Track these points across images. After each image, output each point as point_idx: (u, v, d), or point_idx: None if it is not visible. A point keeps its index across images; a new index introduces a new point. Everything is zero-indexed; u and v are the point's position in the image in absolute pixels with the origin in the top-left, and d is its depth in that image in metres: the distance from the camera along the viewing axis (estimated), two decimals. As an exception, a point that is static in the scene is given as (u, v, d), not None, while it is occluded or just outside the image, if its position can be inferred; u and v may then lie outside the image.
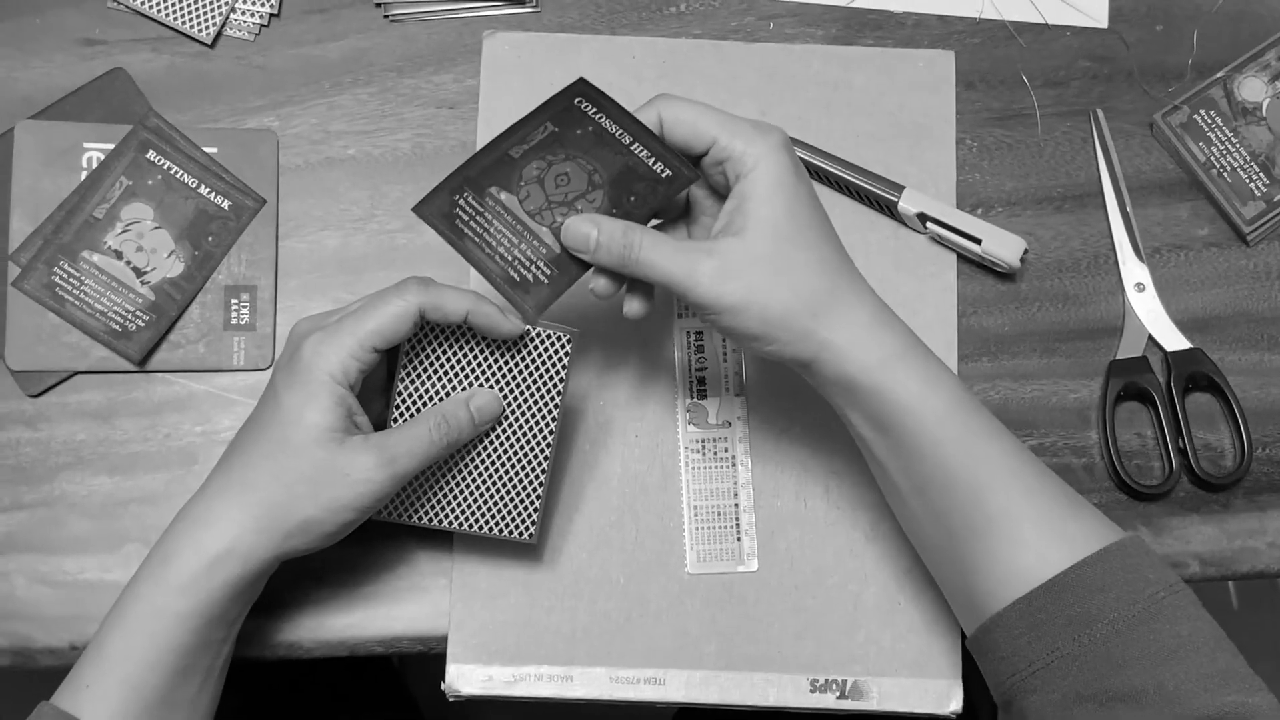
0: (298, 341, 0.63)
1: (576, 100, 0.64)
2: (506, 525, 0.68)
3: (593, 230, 0.62)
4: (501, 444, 0.67)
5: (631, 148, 0.63)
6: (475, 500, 0.68)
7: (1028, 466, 0.62)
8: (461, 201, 0.64)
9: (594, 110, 0.64)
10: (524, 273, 0.63)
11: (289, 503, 0.62)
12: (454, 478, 0.67)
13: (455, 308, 0.63)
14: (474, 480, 0.67)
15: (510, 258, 0.63)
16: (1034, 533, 0.60)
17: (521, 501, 0.68)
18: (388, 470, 0.62)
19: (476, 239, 0.63)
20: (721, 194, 0.64)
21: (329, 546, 0.65)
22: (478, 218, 0.63)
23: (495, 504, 0.68)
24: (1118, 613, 0.57)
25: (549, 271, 0.63)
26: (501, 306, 0.64)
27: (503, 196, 0.64)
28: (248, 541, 0.62)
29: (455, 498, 0.68)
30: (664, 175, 0.63)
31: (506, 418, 0.67)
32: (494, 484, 0.67)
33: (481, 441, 0.67)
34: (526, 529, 0.68)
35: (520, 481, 0.68)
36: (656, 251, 0.61)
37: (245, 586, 0.63)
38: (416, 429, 0.64)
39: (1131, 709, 0.56)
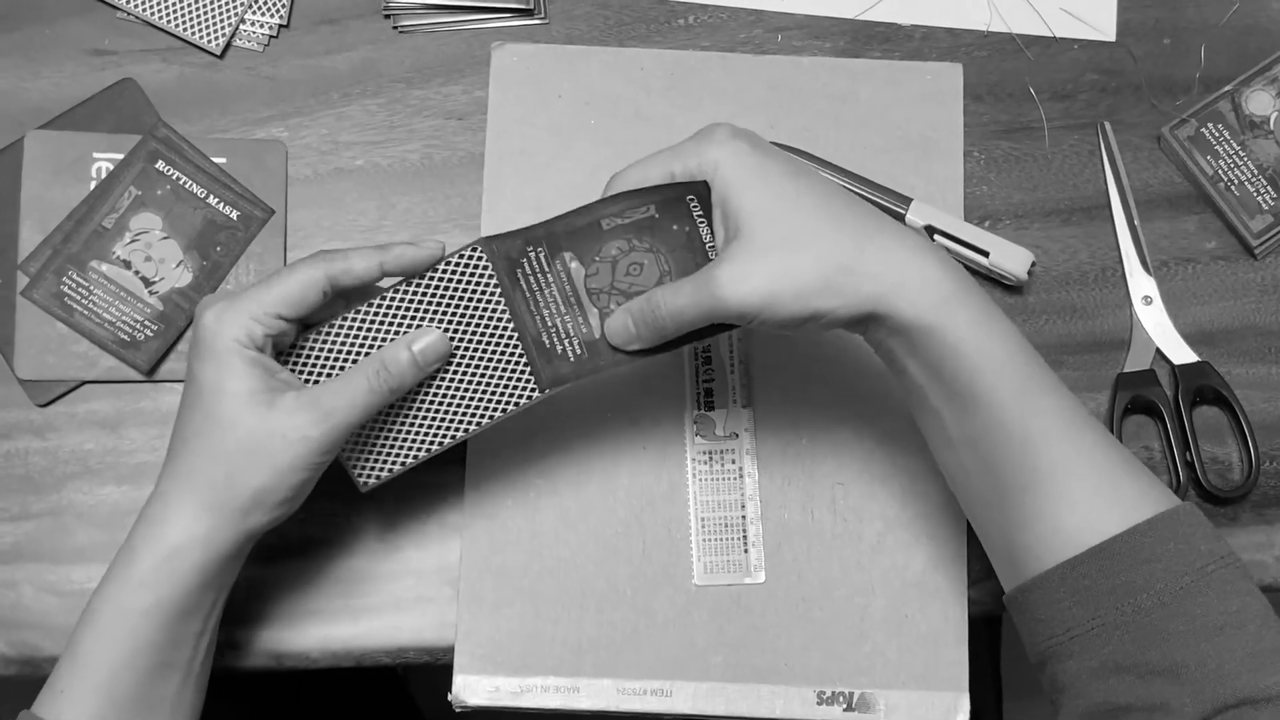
0: (199, 316, 0.62)
1: (689, 197, 0.63)
2: (506, 401, 0.65)
3: (626, 318, 0.62)
4: (468, 374, 0.65)
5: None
6: (459, 413, 0.65)
7: (1084, 422, 0.60)
8: (532, 255, 0.63)
9: (699, 214, 0.63)
10: (556, 342, 0.63)
11: (232, 477, 0.61)
12: (425, 411, 0.65)
13: (366, 265, 0.62)
14: (447, 407, 0.65)
15: (550, 324, 0.63)
16: (1085, 492, 0.58)
17: (515, 378, 0.65)
18: (324, 426, 0.61)
19: (528, 294, 0.63)
20: None
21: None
22: (539, 276, 0.63)
23: (483, 402, 0.65)
24: (1165, 584, 0.56)
25: (579, 352, 0.63)
26: (414, 239, 0.63)
27: (573, 265, 0.63)
28: (204, 525, 0.61)
29: (436, 423, 0.65)
30: None
31: (464, 351, 0.64)
32: (473, 398, 0.65)
33: (445, 378, 0.65)
34: (528, 393, 0.65)
35: (504, 385, 0.65)
36: (676, 297, 0.60)
37: (213, 574, 0.62)
38: (354, 379, 0.62)
39: (1170, 683, 0.54)
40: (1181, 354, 0.76)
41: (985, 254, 0.75)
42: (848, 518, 0.74)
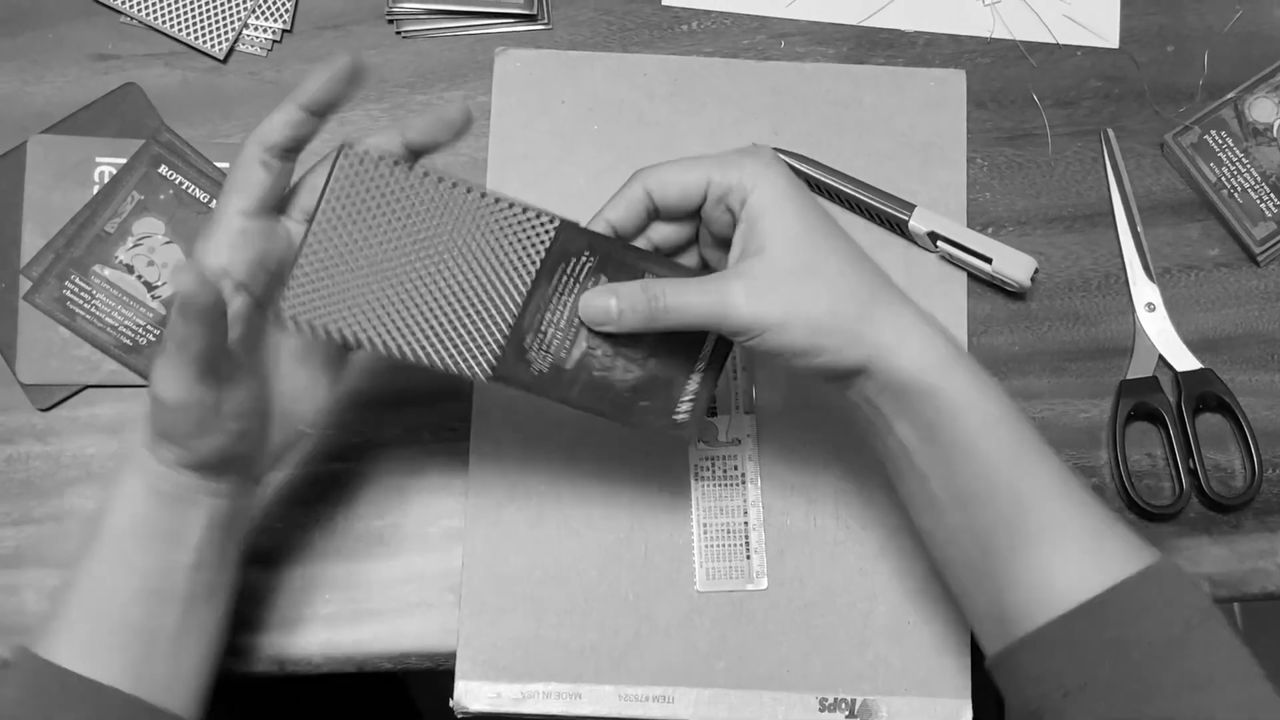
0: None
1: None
2: (451, 353, 0.61)
3: (610, 299, 0.61)
4: (449, 302, 0.61)
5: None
6: (412, 323, 0.60)
7: (1071, 482, 0.61)
8: (583, 259, 0.62)
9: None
10: (534, 348, 0.61)
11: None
12: (389, 293, 0.60)
13: (389, 141, 0.61)
14: (409, 311, 0.61)
15: (542, 331, 0.62)
16: (1075, 550, 0.59)
17: (479, 346, 0.61)
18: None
19: (551, 291, 0.62)
20: (725, 240, 0.63)
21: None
22: (572, 281, 0.62)
23: (435, 335, 0.61)
24: (1155, 637, 0.56)
25: (543, 370, 0.62)
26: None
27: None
28: (151, 445, 0.60)
29: (389, 312, 0.60)
30: None
31: (463, 282, 0.61)
32: (433, 322, 0.61)
33: (432, 287, 0.60)
34: (474, 366, 0.61)
35: (465, 342, 0.61)
36: (684, 293, 0.59)
37: (175, 496, 0.60)
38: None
39: None
40: (1184, 361, 0.76)
41: (988, 260, 0.75)
42: (850, 524, 0.74)
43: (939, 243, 0.75)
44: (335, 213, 0.59)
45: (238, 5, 0.79)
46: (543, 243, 0.61)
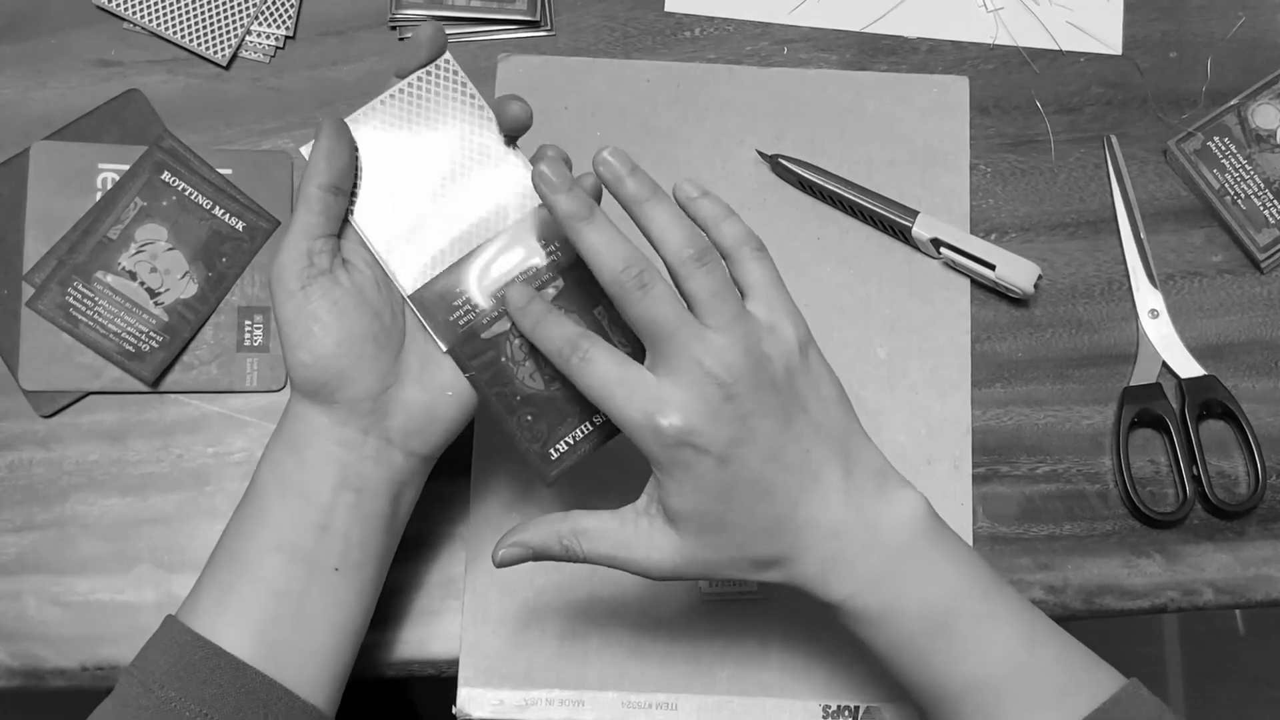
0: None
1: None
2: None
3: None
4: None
5: None
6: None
7: (1028, 645, 0.60)
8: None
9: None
10: (462, 307, 0.63)
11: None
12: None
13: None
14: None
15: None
16: (1050, 692, 0.59)
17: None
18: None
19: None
20: None
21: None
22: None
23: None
24: None
25: (461, 328, 0.63)
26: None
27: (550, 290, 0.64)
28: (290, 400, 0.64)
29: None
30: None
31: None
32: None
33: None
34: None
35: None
36: (592, 525, 0.61)
37: (306, 442, 0.62)
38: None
39: None
40: (1188, 368, 0.76)
41: (991, 267, 0.75)
42: (854, 531, 0.74)
43: (942, 249, 0.75)
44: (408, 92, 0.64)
45: (241, 12, 0.79)
46: (482, 152, 0.64)
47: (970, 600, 0.59)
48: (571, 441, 0.63)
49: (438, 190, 0.64)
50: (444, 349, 0.63)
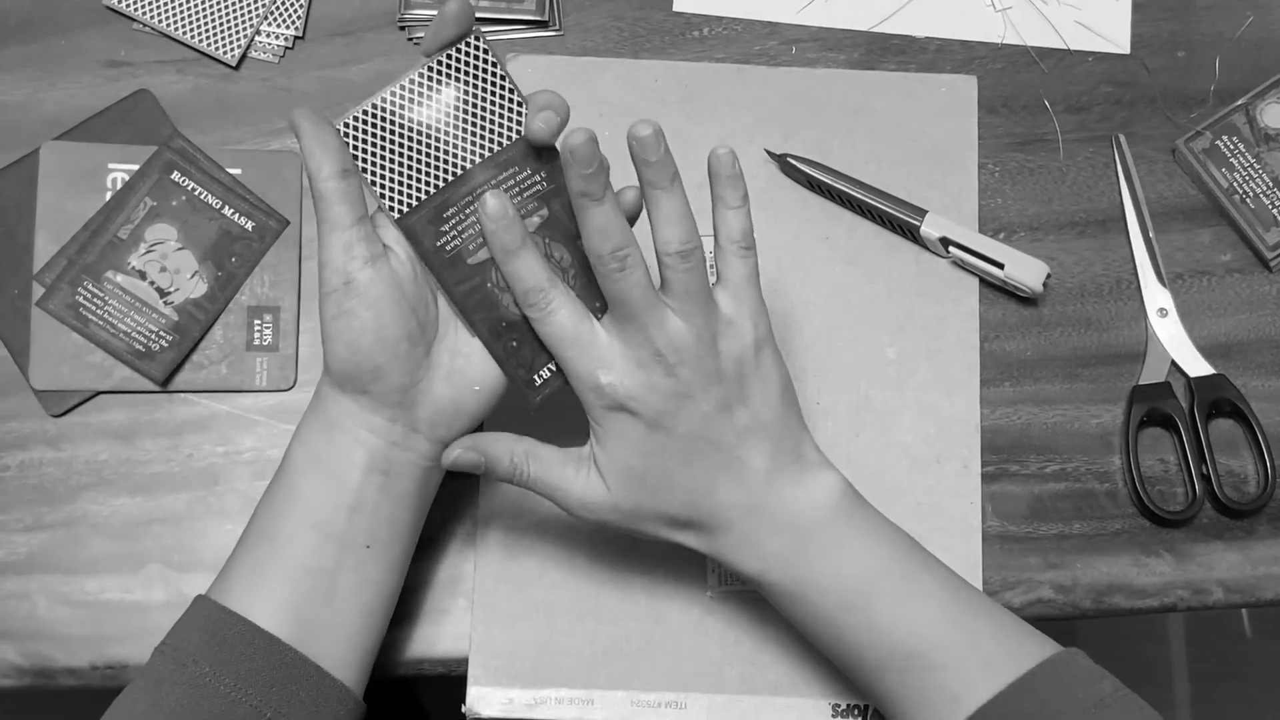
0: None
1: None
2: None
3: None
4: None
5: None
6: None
7: (953, 620, 0.62)
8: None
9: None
10: (449, 232, 0.63)
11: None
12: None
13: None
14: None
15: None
16: (977, 662, 0.61)
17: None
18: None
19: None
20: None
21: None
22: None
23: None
24: (1072, 713, 0.58)
25: (449, 253, 0.63)
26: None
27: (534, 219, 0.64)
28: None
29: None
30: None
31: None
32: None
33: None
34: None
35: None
36: (546, 470, 0.64)
37: (338, 426, 0.63)
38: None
39: None
40: (1197, 366, 0.76)
41: (1000, 266, 0.75)
42: (863, 530, 0.74)
43: (951, 248, 0.75)
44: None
45: (250, 12, 0.79)
46: (509, 136, 0.63)
47: (890, 579, 0.62)
48: (554, 368, 0.64)
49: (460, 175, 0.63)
50: (448, 296, 0.63)
